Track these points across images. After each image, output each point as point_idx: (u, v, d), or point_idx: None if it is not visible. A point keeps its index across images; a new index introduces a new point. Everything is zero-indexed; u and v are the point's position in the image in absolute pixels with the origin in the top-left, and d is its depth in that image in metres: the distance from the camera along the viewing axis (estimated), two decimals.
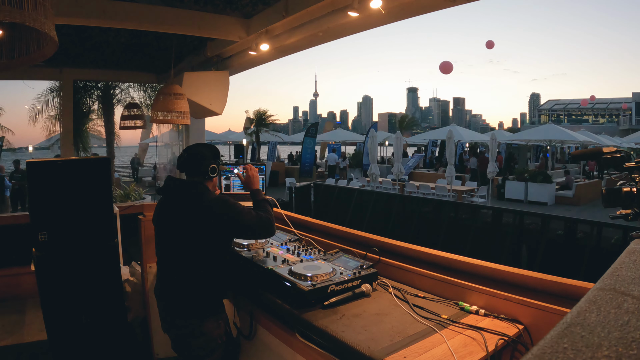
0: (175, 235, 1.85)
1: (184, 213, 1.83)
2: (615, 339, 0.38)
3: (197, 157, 1.93)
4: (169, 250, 1.89)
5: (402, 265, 1.88)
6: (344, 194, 9.34)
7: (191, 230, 1.81)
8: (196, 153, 1.96)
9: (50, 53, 1.28)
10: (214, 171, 1.96)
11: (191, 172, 1.93)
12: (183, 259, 1.83)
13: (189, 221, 1.81)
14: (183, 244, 1.82)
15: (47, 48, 1.25)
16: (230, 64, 3.83)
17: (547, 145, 18.36)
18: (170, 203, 1.91)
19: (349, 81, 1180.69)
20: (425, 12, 2.43)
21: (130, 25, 2.81)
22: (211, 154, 1.98)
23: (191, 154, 1.96)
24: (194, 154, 1.95)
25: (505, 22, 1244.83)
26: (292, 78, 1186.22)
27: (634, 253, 0.62)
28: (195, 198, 1.84)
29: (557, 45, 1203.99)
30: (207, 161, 1.94)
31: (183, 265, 1.83)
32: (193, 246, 1.81)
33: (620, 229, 5.49)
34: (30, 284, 2.72)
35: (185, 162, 1.95)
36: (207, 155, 1.97)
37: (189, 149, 2.01)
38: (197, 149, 2.00)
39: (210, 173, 1.94)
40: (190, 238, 1.81)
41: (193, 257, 1.82)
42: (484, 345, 1.29)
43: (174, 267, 1.86)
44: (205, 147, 2.04)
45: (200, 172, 1.92)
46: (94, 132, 11.26)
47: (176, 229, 1.84)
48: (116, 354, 2.59)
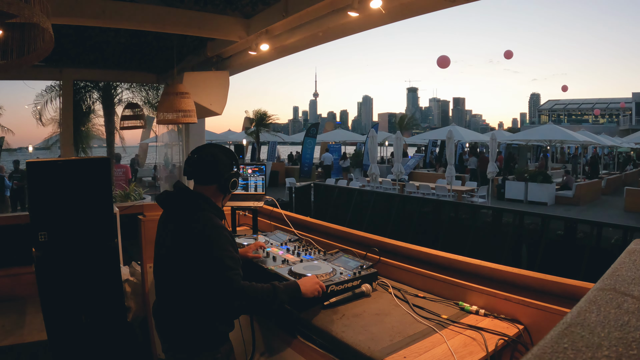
0: (163, 255, 1.62)
1: (175, 232, 1.57)
2: (615, 339, 0.38)
3: (209, 162, 1.62)
4: (160, 272, 1.65)
5: (402, 265, 1.88)
6: (344, 194, 9.34)
7: (175, 253, 1.55)
8: (208, 155, 1.63)
9: (47, 52, 1.28)
10: (235, 185, 1.65)
11: (200, 180, 1.63)
12: (171, 285, 1.58)
13: (178, 243, 1.54)
14: (170, 267, 1.57)
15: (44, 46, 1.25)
16: (230, 64, 3.83)
17: (547, 146, 18.36)
18: (167, 217, 1.66)
19: (349, 81, 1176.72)
20: (425, 12, 2.43)
21: (130, 25, 2.81)
22: (228, 160, 1.65)
23: (202, 156, 1.63)
24: (205, 156, 1.63)
25: (505, 22, 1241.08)
26: (292, 78, 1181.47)
27: (634, 253, 0.62)
28: (189, 217, 1.54)
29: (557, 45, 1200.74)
30: (225, 168, 1.62)
31: (172, 291, 1.58)
32: (179, 272, 1.54)
33: (620, 229, 5.49)
34: (30, 284, 2.72)
35: (193, 166, 1.63)
36: (224, 160, 1.63)
37: (200, 149, 1.68)
38: (210, 150, 1.66)
39: (231, 187, 1.64)
40: (175, 262, 1.55)
41: (180, 285, 1.54)
42: (484, 345, 1.29)
43: (164, 291, 1.63)
44: (221, 149, 1.70)
45: (211, 181, 1.62)
46: (94, 132, 11.26)
47: (164, 247, 1.61)
48: (116, 354, 2.59)
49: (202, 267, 1.47)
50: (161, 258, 1.65)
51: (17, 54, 1.27)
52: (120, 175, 8.95)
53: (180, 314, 1.56)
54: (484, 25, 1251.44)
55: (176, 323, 1.57)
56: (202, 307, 1.54)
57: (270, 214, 2.95)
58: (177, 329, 1.57)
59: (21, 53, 1.27)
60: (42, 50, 1.27)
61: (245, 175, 2.75)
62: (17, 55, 1.27)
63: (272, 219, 2.93)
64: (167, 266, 1.61)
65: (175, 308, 1.57)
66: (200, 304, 1.53)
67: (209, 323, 1.56)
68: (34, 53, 1.26)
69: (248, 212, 3.05)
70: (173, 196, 1.63)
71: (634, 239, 0.68)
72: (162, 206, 1.67)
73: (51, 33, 1.18)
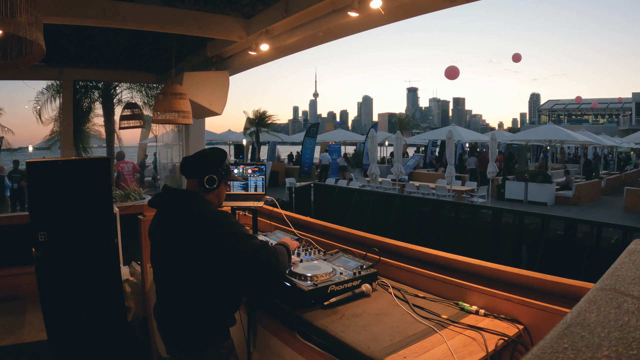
0: (165, 256, 1.63)
1: (173, 229, 1.60)
2: (615, 339, 0.38)
3: (196, 157, 1.72)
4: (160, 271, 1.67)
5: (402, 265, 1.88)
6: (344, 194, 9.34)
7: (180, 251, 1.57)
8: (199, 152, 1.74)
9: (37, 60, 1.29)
10: (212, 182, 1.68)
11: (187, 173, 1.71)
12: (175, 284, 1.60)
13: (178, 240, 1.57)
14: (174, 267, 1.60)
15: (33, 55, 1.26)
16: (230, 64, 3.83)
17: (547, 146, 18.36)
18: (162, 217, 1.69)
19: (349, 81, 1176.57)
20: (425, 12, 2.43)
21: (130, 25, 2.81)
22: (216, 159, 1.72)
23: (195, 154, 1.75)
24: (197, 153, 1.74)
25: (506, 22, 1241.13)
26: (292, 78, 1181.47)
27: (634, 253, 0.62)
28: (185, 211, 1.59)
29: (557, 45, 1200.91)
30: (208, 167, 1.67)
31: (176, 291, 1.61)
32: (184, 270, 1.57)
33: (620, 229, 5.49)
34: (30, 284, 2.72)
35: (185, 160, 1.72)
36: (210, 160, 1.70)
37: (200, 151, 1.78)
38: (203, 151, 1.76)
39: (207, 184, 1.66)
40: (180, 260, 1.58)
41: (186, 283, 1.57)
42: (484, 345, 1.29)
43: (167, 292, 1.65)
44: (213, 150, 1.78)
45: (195, 175, 1.68)
46: (94, 132, 11.25)
47: (166, 249, 1.62)
48: (116, 354, 2.59)
49: (214, 249, 1.52)
50: (161, 260, 1.66)
51: (16, 54, 1.27)
52: (129, 170, 9.01)
53: (186, 313, 1.58)
54: (484, 25, 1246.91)
55: (182, 322, 1.59)
56: (210, 302, 1.58)
57: (270, 214, 2.95)
58: (182, 328, 1.58)
59: (20, 53, 1.28)
60: (33, 57, 1.27)
61: (240, 175, 2.75)
62: (16, 54, 1.27)
63: (272, 219, 2.93)
64: (170, 266, 1.62)
65: (180, 307, 1.59)
66: (208, 298, 1.57)
67: (216, 318, 1.60)
68: (26, 57, 1.27)
69: (248, 212, 3.05)
70: (165, 196, 1.68)
71: (634, 239, 0.68)
72: (157, 207, 1.70)
73: (40, 44, 1.19)
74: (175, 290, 1.62)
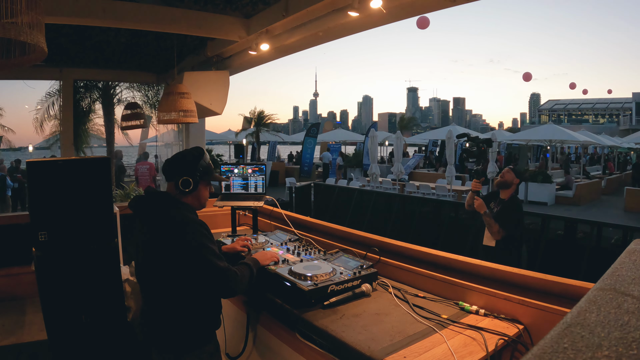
0: (142, 258, 1.62)
1: (148, 232, 1.59)
2: (615, 339, 0.38)
3: (174, 161, 1.68)
4: (140, 273, 1.66)
5: (402, 265, 1.88)
6: (344, 194, 9.33)
7: (152, 254, 1.57)
8: (176, 156, 1.69)
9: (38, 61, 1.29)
10: (187, 184, 1.62)
11: (166, 176, 1.68)
12: (151, 287, 1.60)
13: (151, 242, 1.56)
14: (149, 269, 1.59)
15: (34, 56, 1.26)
16: (231, 64, 3.83)
17: (547, 145, 18.36)
18: (140, 219, 1.67)
19: (349, 81, 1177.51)
20: (425, 12, 2.44)
21: (130, 25, 2.81)
22: (192, 159, 1.66)
23: (173, 156, 1.70)
24: (174, 156, 1.69)
25: (506, 22, 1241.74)
26: (292, 78, 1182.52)
27: (634, 253, 0.61)
28: (158, 214, 1.57)
29: (557, 45, 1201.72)
30: (183, 169, 1.62)
31: (153, 294, 1.60)
32: (157, 273, 1.56)
33: (620, 229, 5.49)
34: (30, 284, 2.72)
35: (164, 165, 1.68)
36: (187, 161, 1.65)
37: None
38: (181, 152, 1.72)
39: (182, 186, 1.61)
40: (152, 263, 1.57)
41: (159, 286, 1.56)
42: (484, 345, 1.29)
43: (146, 294, 1.65)
44: (192, 151, 1.72)
45: (171, 177, 1.64)
46: (94, 132, 11.24)
47: (142, 251, 1.61)
48: (116, 353, 2.59)
49: (181, 256, 1.50)
50: (141, 262, 1.65)
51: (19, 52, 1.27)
52: (145, 171, 8.97)
53: (163, 317, 1.57)
54: (484, 25, 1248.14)
55: (160, 326, 1.58)
56: (186, 305, 1.55)
57: (271, 213, 2.95)
58: (160, 332, 1.58)
59: (23, 52, 1.28)
60: (36, 57, 1.27)
61: (240, 175, 2.75)
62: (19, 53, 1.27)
63: (272, 218, 2.93)
64: (146, 268, 1.61)
65: (157, 311, 1.59)
66: (183, 301, 1.54)
67: (195, 322, 1.58)
68: (29, 56, 1.27)
69: (248, 212, 3.05)
70: (142, 199, 1.67)
71: (634, 239, 0.68)
72: (133, 210, 1.67)
73: (42, 46, 1.19)
74: (152, 293, 1.61)
